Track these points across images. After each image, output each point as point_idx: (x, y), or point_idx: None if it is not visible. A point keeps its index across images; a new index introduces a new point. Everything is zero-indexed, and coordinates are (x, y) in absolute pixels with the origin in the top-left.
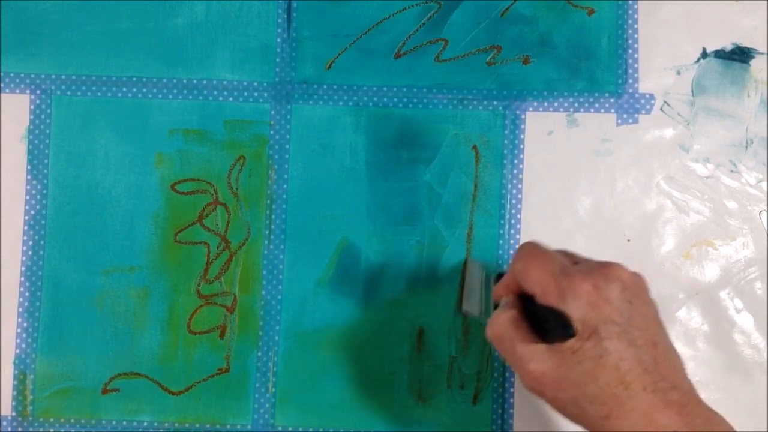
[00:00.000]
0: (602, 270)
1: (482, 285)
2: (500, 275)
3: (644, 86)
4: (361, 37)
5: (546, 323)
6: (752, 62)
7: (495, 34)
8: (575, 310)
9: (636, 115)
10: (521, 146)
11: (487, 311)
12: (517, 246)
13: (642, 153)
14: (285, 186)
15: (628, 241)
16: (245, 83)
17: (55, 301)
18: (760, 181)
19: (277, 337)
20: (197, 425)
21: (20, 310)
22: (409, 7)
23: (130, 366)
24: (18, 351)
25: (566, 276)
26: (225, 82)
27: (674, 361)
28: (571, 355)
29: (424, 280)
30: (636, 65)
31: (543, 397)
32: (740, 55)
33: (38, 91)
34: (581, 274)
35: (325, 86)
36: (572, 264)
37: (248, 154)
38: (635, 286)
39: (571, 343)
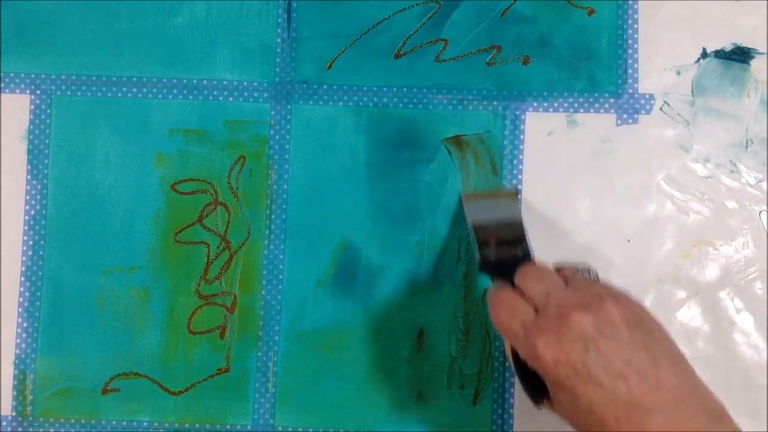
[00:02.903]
0: (561, 323)
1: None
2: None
3: (644, 86)
4: (361, 37)
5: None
6: (752, 62)
7: (495, 34)
8: (542, 370)
9: (636, 116)
10: (521, 146)
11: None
12: None
13: (642, 153)
14: (285, 186)
15: (628, 241)
16: (245, 83)
17: (55, 301)
18: (760, 181)
19: (277, 337)
20: (197, 425)
21: (20, 310)
22: (409, 7)
23: (130, 366)
24: (18, 351)
25: (528, 336)
26: (225, 82)
27: (654, 379)
28: (556, 408)
29: (424, 280)
30: (636, 65)
31: None
32: (740, 55)
33: (38, 91)
34: (540, 332)
35: (325, 86)
36: (553, 290)
37: (248, 154)
38: (601, 325)
39: (549, 404)
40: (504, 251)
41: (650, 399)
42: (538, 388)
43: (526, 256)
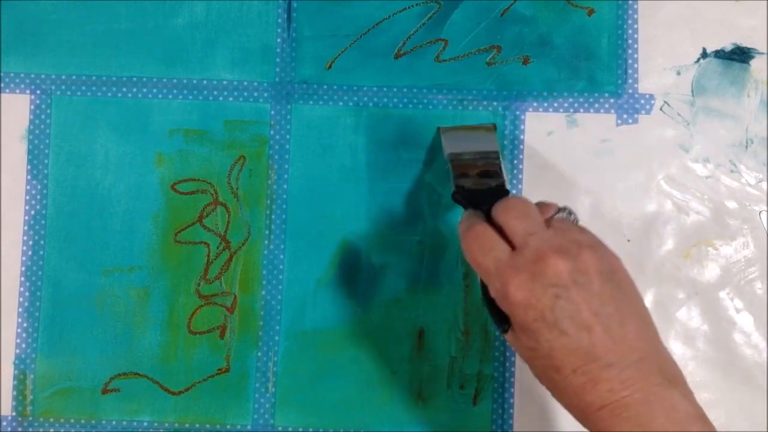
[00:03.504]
0: (537, 267)
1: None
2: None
3: (644, 86)
4: (361, 37)
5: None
6: (752, 62)
7: (495, 34)
8: (509, 311)
9: (636, 115)
10: (521, 146)
11: None
12: None
13: (642, 153)
14: (285, 186)
15: (628, 241)
16: (245, 83)
17: (55, 301)
18: (760, 181)
19: (277, 337)
20: (197, 425)
21: (20, 310)
22: (409, 7)
23: (130, 366)
24: (18, 351)
25: (500, 275)
26: (225, 82)
27: (618, 334)
28: (515, 344)
29: (424, 280)
30: (636, 65)
31: None
32: (740, 55)
33: (38, 91)
34: (514, 272)
35: (325, 86)
36: (536, 226)
37: (248, 154)
38: (575, 274)
39: (510, 337)
40: (481, 182)
41: (610, 353)
42: (504, 320)
43: (501, 188)
